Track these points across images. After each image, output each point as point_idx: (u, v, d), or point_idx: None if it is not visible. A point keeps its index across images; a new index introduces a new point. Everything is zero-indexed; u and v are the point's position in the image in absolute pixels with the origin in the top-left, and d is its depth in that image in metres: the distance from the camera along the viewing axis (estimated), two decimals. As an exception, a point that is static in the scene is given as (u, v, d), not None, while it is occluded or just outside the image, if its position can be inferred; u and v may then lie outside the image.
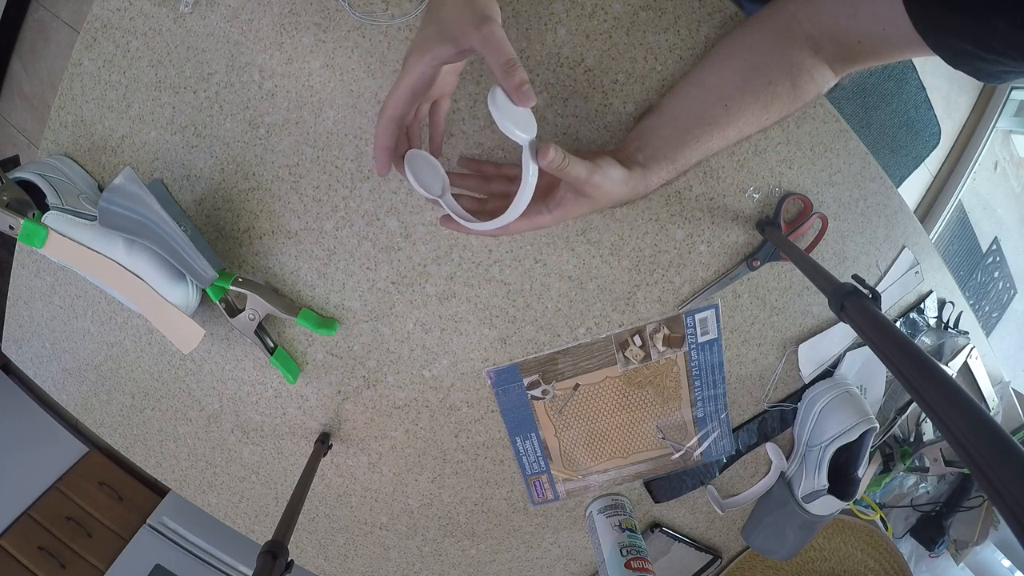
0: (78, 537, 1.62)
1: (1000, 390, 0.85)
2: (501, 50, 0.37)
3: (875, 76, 1.05)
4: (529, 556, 0.78)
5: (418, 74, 0.39)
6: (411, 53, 0.40)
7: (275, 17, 0.54)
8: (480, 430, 0.68)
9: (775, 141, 0.58)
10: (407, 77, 0.40)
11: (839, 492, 0.67)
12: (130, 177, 0.52)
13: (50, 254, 0.54)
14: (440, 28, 0.39)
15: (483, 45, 0.37)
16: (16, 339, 0.73)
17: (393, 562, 0.80)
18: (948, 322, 0.75)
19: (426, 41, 0.39)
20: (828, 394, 0.66)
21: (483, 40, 0.37)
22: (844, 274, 0.59)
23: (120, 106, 0.58)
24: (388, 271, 0.61)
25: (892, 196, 0.64)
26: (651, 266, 0.61)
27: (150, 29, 0.55)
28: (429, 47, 0.39)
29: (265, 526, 0.80)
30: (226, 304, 0.59)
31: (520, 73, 0.37)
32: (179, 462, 0.77)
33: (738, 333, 0.65)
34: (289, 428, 0.70)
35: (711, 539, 0.81)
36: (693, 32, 0.53)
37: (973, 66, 0.38)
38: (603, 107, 0.55)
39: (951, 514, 0.89)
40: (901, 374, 0.34)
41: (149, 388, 0.71)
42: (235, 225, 0.61)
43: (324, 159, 0.57)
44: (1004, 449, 0.25)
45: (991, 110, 1.90)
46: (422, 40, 0.39)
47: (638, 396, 0.66)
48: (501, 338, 0.63)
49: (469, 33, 0.37)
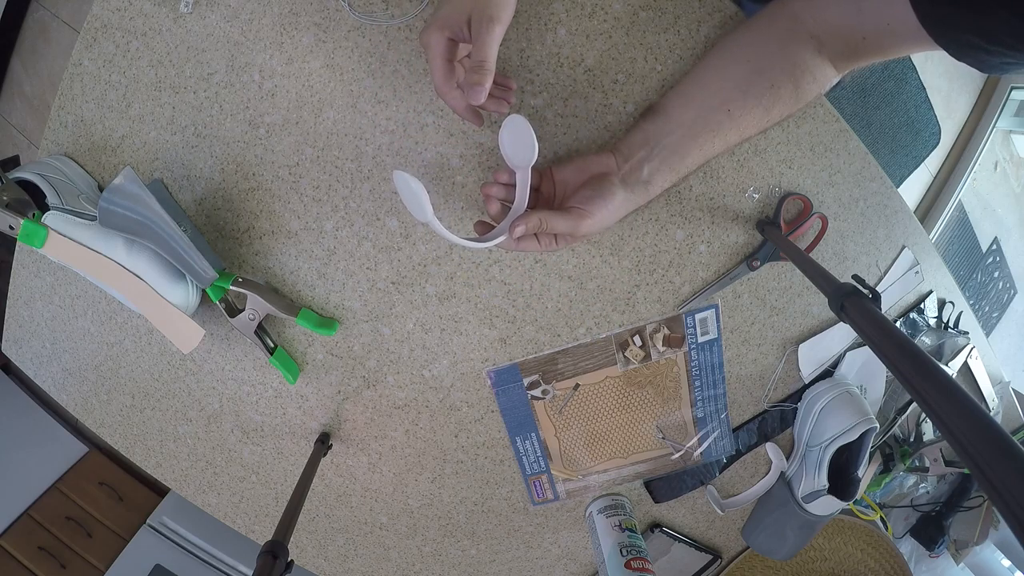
0: (78, 537, 1.62)
1: (1000, 390, 0.85)
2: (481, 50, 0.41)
3: (875, 76, 1.04)
4: (529, 556, 0.78)
5: (436, 46, 0.43)
6: (424, 30, 0.43)
7: (275, 17, 0.54)
8: (480, 430, 0.68)
9: (775, 141, 0.58)
10: (428, 53, 0.44)
11: (839, 492, 0.67)
12: (130, 177, 0.52)
13: (50, 254, 0.54)
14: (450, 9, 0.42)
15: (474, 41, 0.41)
16: (16, 339, 0.73)
17: (393, 562, 0.80)
18: (948, 322, 0.75)
19: (437, 19, 0.43)
20: (828, 394, 0.66)
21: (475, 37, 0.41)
22: (844, 274, 0.59)
23: (120, 106, 0.58)
24: (388, 271, 0.61)
25: (892, 196, 0.64)
26: (651, 266, 0.61)
27: (150, 29, 0.56)
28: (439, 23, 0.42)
29: (265, 526, 0.80)
30: (226, 304, 0.59)
31: (481, 76, 0.41)
32: (179, 462, 0.77)
33: (738, 333, 0.65)
34: (289, 428, 0.70)
35: (711, 539, 0.81)
36: (693, 32, 0.53)
37: (976, 58, 0.38)
38: (603, 107, 0.55)
39: (951, 514, 0.89)
40: (901, 374, 0.34)
41: (149, 388, 0.71)
42: (235, 225, 0.61)
43: (324, 159, 0.57)
44: (1004, 449, 0.25)
45: (991, 110, 1.90)
46: (437, 16, 0.43)
47: (638, 396, 0.66)
48: (501, 338, 0.63)
49: (464, 28, 0.42)
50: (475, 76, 0.41)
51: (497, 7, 0.41)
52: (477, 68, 0.41)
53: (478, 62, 0.41)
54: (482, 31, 0.40)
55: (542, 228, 0.46)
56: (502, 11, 0.41)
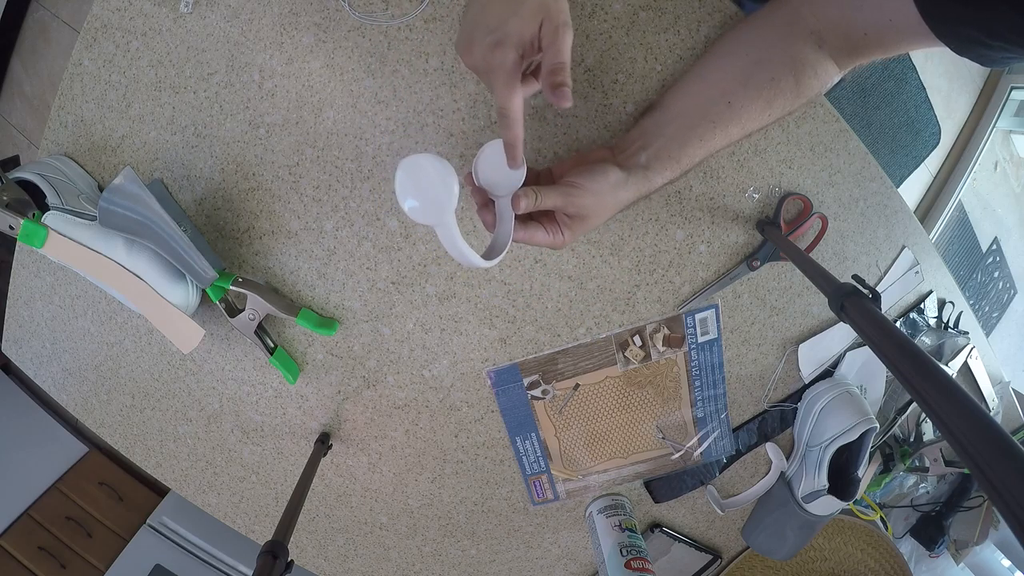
0: (78, 537, 1.62)
1: (1000, 390, 0.85)
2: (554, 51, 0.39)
3: (875, 76, 1.04)
4: (529, 556, 0.78)
5: (512, 66, 0.41)
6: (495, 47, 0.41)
7: (275, 17, 0.54)
8: (480, 430, 0.68)
9: (775, 141, 0.58)
10: (496, 75, 0.41)
11: (839, 492, 0.67)
12: (130, 177, 0.52)
13: (50, 254, 0.54)
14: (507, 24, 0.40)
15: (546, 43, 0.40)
16: (16, 339, 0.73)
17: (393, 562, 0.80)
18: (948, 322, 0.75)
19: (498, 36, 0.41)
20: (828, 394, 0.66)
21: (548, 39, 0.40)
22: (844, 274, 0.59)
23: (120, 106, 0.58)
24: (388, 271, 0.61)
25: (892, 196, 0.64)
26: (651, 266, 0.61)
27: (150, 29, 0.56)
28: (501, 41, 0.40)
29: (265, 526, 0.80)
30: (226, 304, 0.59)
31: (565, 75, 0.39)
32: (179, 462, 0.77)
33: (738, 333, 0.65)
34: (289, 428, 0.70)
35: (711, 539, 0.81)
36: (693, 32, 0.53)
37: (977, 53, 0.38)
38: (603, 107, 0.55)
39: (951, 514, 0.89)
40: (901, 374, 0.34)
41: (149, 388, 0.71)
42: (235, 225, 0.61)
43: (324, 159, 0.57)
44: (1004, 449, 0.25)
45: (991, 110, 1.90)
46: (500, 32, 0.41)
47: (638, 396, 0.66)
48: (501, 338, 0.63)
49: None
50: (559, 76, 0.39)
51: (567, 12, 0.40)
52: (560, 69, 0.39)
53: (560, 64, 0.39)
54: (559, 37, 0.39)
55: (537, 203, 0.44)
56: (568, 15, 0.40)
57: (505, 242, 0.44)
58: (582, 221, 0.47)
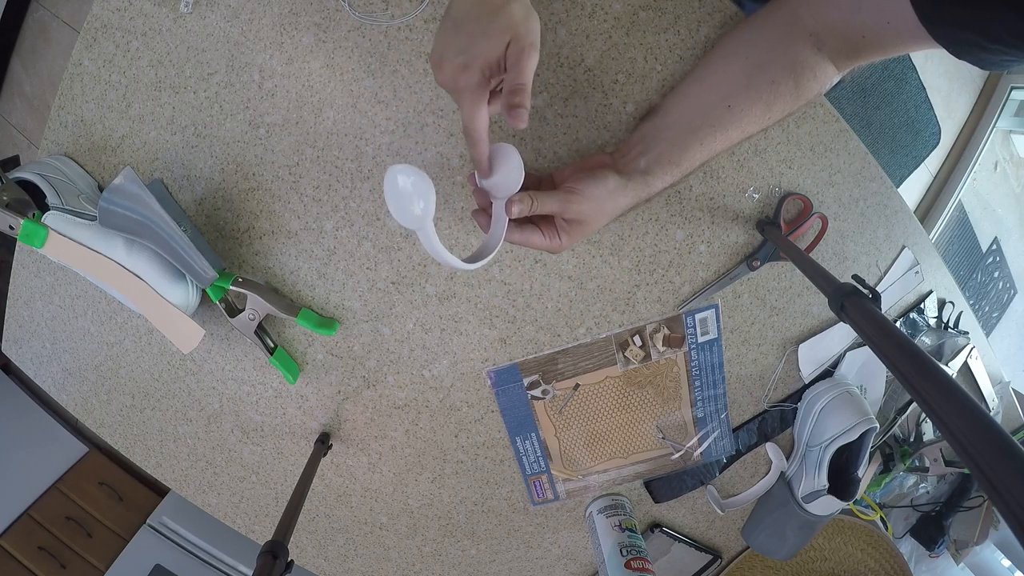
0: (78, 537, 1.62)
1: (1000, 390, 0.85)
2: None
3: (875, 76, 1.04)
4: (529, 556, 0.78)
5: (477, 88, 0.41)
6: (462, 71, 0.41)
7: (275, 17, 0.54)
8: (480, 430, 0.68)
9: (775, 141, 0.58)
10: (463, 96, 0.42)
11: (839, 492, 0.67)
12: (130, 177, 0.52)
13: (50, 254, 0.54)
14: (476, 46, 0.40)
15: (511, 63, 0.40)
16: (16, 339, 0.73)
17: (393, 562, 0.80)
18: (948, 322, 0.75)
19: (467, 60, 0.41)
20: (828, 394, 0.66)
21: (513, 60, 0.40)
22: (844, 274, 0.59)
23: (120, 106, 0.58)
24: (388, 271, 0.61)
25: (892, 196, 0.64)
26: (651, 266, 0.61)
27: (150, 29, 0.56)
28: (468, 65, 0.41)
29: (265, 526, 0.80)
30: (226, 304, 0.59)
31: (523, 97, 0.40)
32: (179, 462, 0.76)
33: (738, 333, 0.65)
34: (289, 428, 0.70)
35: (711, 539, 0.81)
36: (693, 32, 0.53)
37: (976, 56, 0.38)
38: (603, 107, 0.55)
39: (951, 514, 0.89)
40: (901, 374, 0.34)
41: (149, 388, 0.71)
42: (235, 225, 0.61)
43: (324, 159, 0.57)
44: (1004, 449, 0.25)
45: (991, 110, 1.90)
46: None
47: (638, 396, 0.66)
48: (501, 338, 0.63)
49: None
50: (517, 98, 0.39)
51: (536, 34, 0.40)
52: (519, 91, 0.39)
53: (520, 85, 0.39)
54: (522, 59, 0.39)
55: (534, 208, 0.45)
56: (538, 37, 0.40)
57: (494, 245, 0.45)
58: (580, 226, 0.48)
